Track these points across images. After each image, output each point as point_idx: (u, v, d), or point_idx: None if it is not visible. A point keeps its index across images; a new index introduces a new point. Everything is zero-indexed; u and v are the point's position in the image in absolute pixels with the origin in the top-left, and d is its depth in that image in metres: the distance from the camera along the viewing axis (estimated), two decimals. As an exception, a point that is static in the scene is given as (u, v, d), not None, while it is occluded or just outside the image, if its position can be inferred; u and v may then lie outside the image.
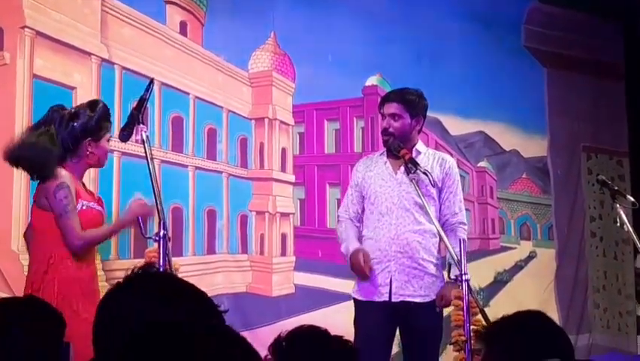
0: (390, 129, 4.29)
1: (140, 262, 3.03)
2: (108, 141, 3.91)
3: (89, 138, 3.80)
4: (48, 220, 3.71)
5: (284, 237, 5.87)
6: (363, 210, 4.39)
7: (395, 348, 4.41)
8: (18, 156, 3.72)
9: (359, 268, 4.15)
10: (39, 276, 3.67)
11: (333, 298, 5.69)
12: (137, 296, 1.70)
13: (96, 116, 3.81)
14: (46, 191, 3.71)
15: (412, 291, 4.22)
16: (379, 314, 4.18)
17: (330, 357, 2.32)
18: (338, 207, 6.12)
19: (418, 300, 4.22)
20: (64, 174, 3.73)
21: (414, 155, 4.27)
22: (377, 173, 4.35)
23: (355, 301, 4.31)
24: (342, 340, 2.40)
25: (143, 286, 1.75)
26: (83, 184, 3.95)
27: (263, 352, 2.07)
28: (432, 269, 4.27)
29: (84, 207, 3.77)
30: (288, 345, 2.28)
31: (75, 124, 3.78)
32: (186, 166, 5.40)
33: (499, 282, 7.14)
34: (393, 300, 4.19)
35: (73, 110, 3.84)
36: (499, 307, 6.53)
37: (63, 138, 3.76)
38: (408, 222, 4.24)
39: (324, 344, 2.34)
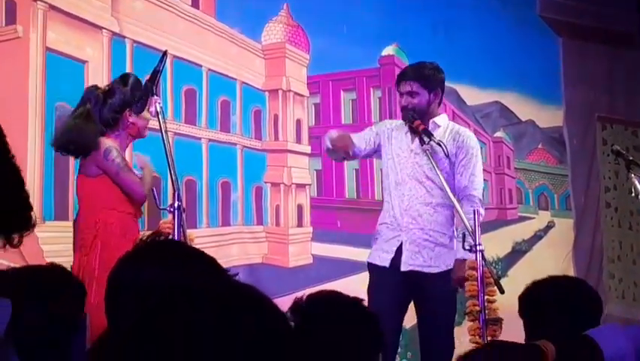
0: (409, 106, 4.29)
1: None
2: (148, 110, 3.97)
3: (128, 110, 3.89)
4: (93, 186, 3.83)
5: (300, 208, 5.88)
6: (365, 150, 4.38)
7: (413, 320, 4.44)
8: (61, 143, 3.88)
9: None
10: (89, 241, 3.76)
11: (352, 268, 5.69)
12: (145, 264, 1.71)
13: (129, 87, 3.91)
14: (94, 160, 3.82)
15: (421, 262, 4.22)
16: (392, 280, 4.19)
17: (351, 317, 2.34)
18: (356, 178, 6.15)
19: (426, 270, 4.22)
20: (109, 142, 3.84)
21: (431, 127, 4.27)
22: (398, 140, 4.34)
23: (369, 265, 4.32)
24: (362, 301, 2.45)
25: (150, 254, 1.76)
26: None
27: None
28: (444, 240, 4.27)
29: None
30: (309, 305, 2.30)
31: (112, 100, 3.88)
32: (199, 139, 5.41)
33: (518, 252, 7.14)
34: (402, 269, 4.20)
35: (107, 88, 3.95)
36: (517, 277, 6.53)
37: (103, 114, 3.87)
38: (420, 194, 4.24)
39: (346, 305, 2.37)
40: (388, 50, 6.40)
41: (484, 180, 7.11)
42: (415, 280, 4.21)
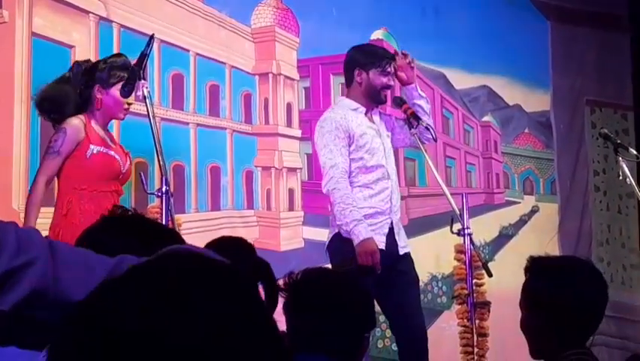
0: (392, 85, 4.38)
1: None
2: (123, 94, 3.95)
3: (98, 85, 3.89)
4: (63, 166, 3.84)
5: (291, 192, 5.88)
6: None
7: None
8: (38, 100, 3.95)
9: (373, 261, 4.02)
10: (60, 219, 3.77)
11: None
12: (107, 236, 1.70)
13: (108, 65, 3.93)
14: None
15: (403, 243, 4.29)
16: (385, 262, 4.17)
17: (347, 294, 2.36)
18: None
19: (406, 250, 4.32)
20: (73, 120, 3.85)
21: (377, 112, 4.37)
22: (368, 128, 4.30)
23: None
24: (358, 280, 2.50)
25: (112, 227, 1.76)
26: (110, 136, 4.06)
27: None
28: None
29: (95, 152, 3.86)
30: (303, 278, 2.33)
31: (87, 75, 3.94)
32: (187, 123, 5.40)
33: (505, 236, 7.17)
34: (401, 253, 4.22)
35: (93, 62, 4.00)
36: (504, 262, 6.57)
37: (76, 85, 3.92)
38: (396, 177, 4.33)
39: (341, 281, 2.42)
40: (377, 34, 6.38)
41: (472, 164, 7.19)
42: (402, 261, 4.24)
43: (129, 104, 3.97)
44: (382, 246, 4.18)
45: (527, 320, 2.42)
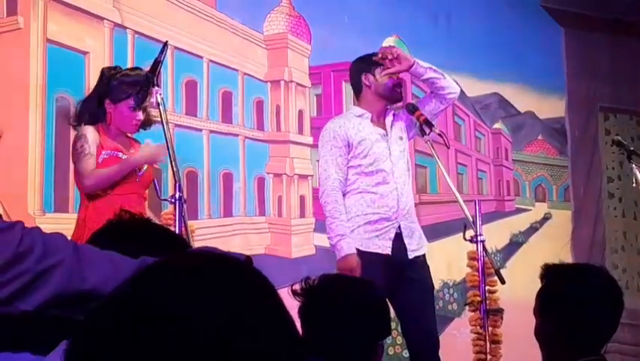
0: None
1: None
2: (134, 109, 3.91)
3: (108, 99, 3.89)
4: None
5: (302, 199, 5.89)
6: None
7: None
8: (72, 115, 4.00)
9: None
10: (80, 224, 3.79)
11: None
12: (113, 241, 1.70)
13: (119, 80, 3.90)
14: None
15: (415, 246, 4.22)
16: (384, 267, 4.14)
17: (363, 300, 2.36)
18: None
19: (419, 253, 4.22)
20: (88, 128, 3.85)
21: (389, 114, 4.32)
22: (370, 134, 4.26)
23: (364, 254, 4.10)
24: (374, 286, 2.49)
25: (118, 232, 1.76)
26: (129, 143, 4.04)
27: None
28: (418, 225, 4.33)
29: (106, 156, 3.86)
30: (319, 284, 2.33)
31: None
32: (200, 130, 5.41)
33: (515, 243, 7.15)
34: (410, 257, 4.18)
35: (113, 72, 3.99)
36: (516, 269, 6.56)
37: (91, 97, 3.94)
38: (408, 181, 4.26)
39: (355, 282, 2.41)
40: (389, 42, 6.38)
41: (483, 171, 7.18)
42: (408, 266, 4.20)
43: (138, 119, 3.96)
44: (388, 251, 4.14)
45: (541, 327, 2.41)
